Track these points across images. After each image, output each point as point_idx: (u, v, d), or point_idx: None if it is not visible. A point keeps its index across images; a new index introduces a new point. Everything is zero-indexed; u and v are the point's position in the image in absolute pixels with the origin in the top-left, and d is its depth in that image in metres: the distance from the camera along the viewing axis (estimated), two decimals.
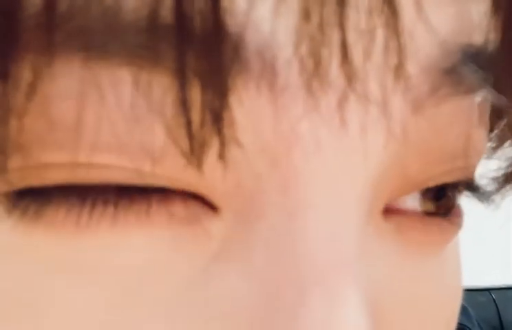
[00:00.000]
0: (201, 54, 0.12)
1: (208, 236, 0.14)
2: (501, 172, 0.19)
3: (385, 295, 0.16)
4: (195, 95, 0.12)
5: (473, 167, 0.17)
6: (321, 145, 0.13)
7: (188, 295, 0.14)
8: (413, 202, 0.17)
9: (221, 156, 0.13)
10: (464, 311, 1.01)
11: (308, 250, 0.13)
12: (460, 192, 0.18)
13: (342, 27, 0.12)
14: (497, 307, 1.40)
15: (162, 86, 0.12)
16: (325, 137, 0.13)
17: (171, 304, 0.14)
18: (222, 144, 0.13)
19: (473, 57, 0.14)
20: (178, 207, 0.14)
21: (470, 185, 0.19)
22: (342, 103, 0.13)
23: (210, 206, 0.14)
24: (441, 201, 0.18)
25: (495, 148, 0.20)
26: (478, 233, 1.32)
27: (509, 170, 0.19)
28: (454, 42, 0.14)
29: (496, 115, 0.18)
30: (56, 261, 0.13)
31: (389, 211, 0.16)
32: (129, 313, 0.14)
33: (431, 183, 0.16)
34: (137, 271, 0.14)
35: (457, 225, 0.18)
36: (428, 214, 0.17)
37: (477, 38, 0.15)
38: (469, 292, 1.36)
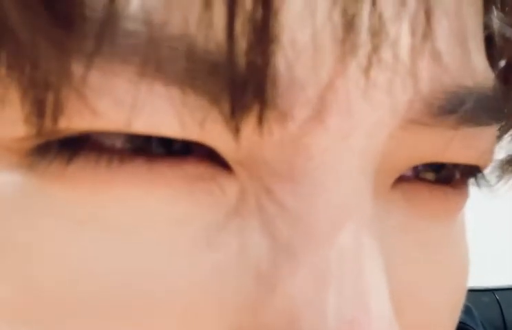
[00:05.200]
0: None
1: (222, 193, 0.14)
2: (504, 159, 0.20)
3: (394, 263, 0.16)
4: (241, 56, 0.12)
5: (486, 154, 0.18)
6: (351, 105, 0.14)
7: (204, 248, 0.14)
8: (416, 172, 0.18)
9: (261, 120, 0.13)
10: (467, 311, 1.01)
11: (319, 208, 0.14)
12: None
13: None
14: (500, 308, 1.40)
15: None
16: (355, 97, 0.14)
17: (188, 257, 0.14)
18: (263, 107, 0.13)
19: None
20: (193, 167, 0.14)
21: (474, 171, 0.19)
22: (371, 63, 0.13)
23: (224, 167, 0.14)
24: (441, 172, 0.18)
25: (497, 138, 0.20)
26: (482, 234, 1.32)
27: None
28: None
29: None
30: (75, 216, 0.14)
31: (396, 179, 0.17)
32: (148, 266, 0.14)
33: (443, 160, 0.17)
34: (155, 226, 0.14)
35: (463, 194, 0.19)
36: (433, 182, 0.18)
37: None
38: (473, 293, 1.35)
